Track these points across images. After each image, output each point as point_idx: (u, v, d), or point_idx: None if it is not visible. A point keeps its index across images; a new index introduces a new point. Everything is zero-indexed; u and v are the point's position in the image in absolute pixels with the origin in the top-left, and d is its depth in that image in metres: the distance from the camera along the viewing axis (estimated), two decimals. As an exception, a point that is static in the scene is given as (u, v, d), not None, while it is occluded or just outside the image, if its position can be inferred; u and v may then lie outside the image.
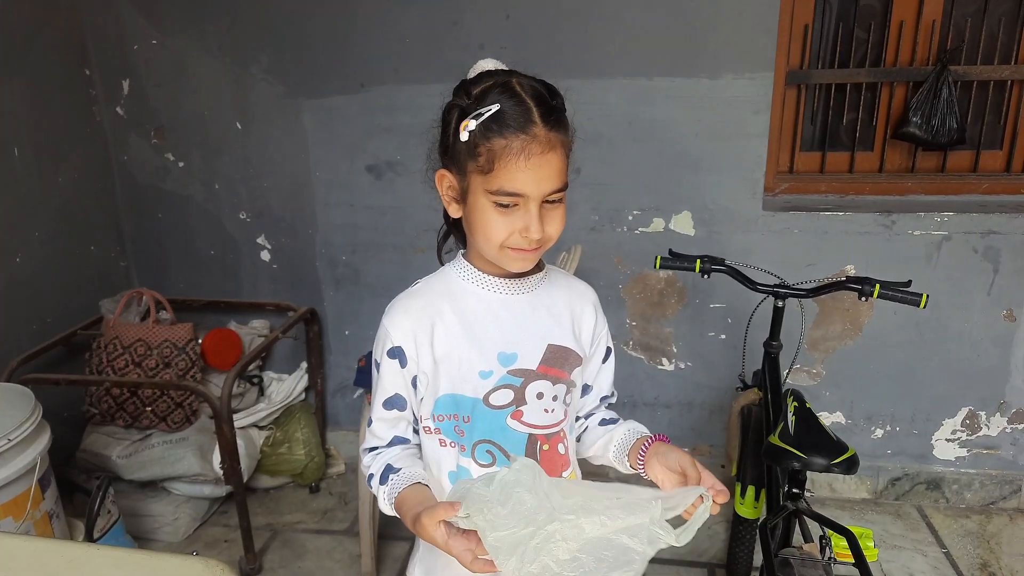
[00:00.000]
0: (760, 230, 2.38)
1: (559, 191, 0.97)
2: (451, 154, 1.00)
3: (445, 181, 1.02)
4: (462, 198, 1.01)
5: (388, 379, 1.07)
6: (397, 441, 1.11)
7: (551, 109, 0.96)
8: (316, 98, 2.49)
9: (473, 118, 0.94)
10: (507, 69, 1.00)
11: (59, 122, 2.49)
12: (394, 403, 1.08)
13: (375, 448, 1.12)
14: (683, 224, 2.42)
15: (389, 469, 1.06)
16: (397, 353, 1.05)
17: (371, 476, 1.09)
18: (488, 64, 1.01)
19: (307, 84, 2.48)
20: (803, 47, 2.33)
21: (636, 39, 2.27)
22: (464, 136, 0.95)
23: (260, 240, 2.70)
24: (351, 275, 2.68)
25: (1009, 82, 2.31)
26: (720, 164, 2.34)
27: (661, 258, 1.89)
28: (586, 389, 1.17)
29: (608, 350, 1.18)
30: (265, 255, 2.72)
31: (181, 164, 2.66)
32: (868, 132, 2.42)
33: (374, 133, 2.48)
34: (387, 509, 1.06)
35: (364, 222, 2.59)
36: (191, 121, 2.60)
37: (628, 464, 1.09)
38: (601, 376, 1.18)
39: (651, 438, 1.06)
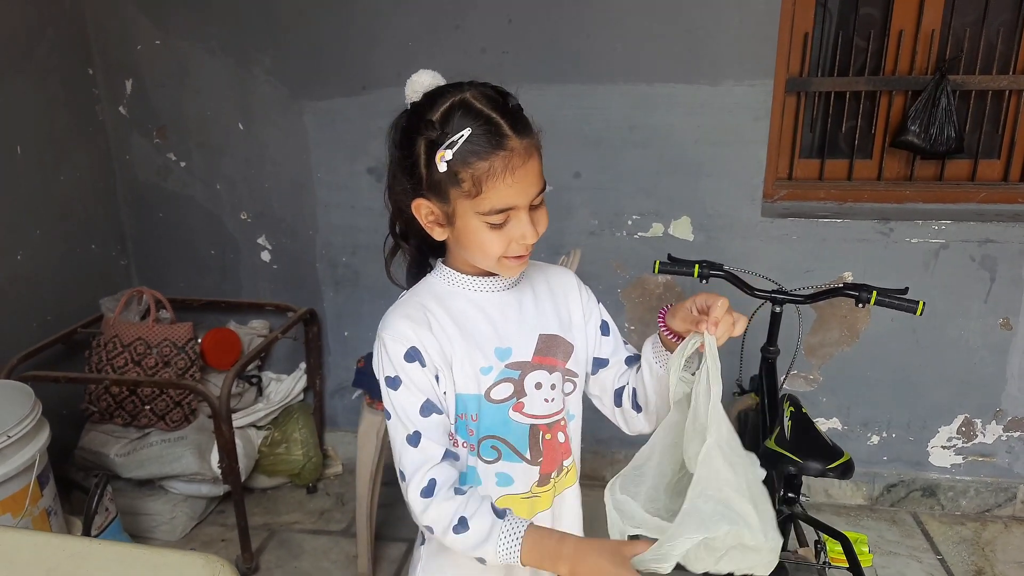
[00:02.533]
0: (759, 236, 2.39)
1: (541, 192, 0.99)
2: (428, 184, 0.97)
3: (423, 209, 1.00)
4: (447, 222, 1.00)
5: (415, 385, 1.02)
6: (448, 455, 1.02)
7: (515, 117, 0.96)
8: (318, 100, 2.50)
9: (447, 148, 0.93)
10: (454, 83, 0.99)
11: (62, 121, 2.50)
12: (430, 408, 1.02)
13: (433, 486, 0.98)
14: (682, 229, 2.43)
15: (497, 511, 0.98)
16: (415, 354, 1.02)
17: (463, 520, 0.96)
18: (426, 78, 0.99)
19: (309, 86, 2.49)
20: (803, 55, 2.34)
21: (637, 45, 2.28)
22: (442, 167, 0.94)
23: (260, 240, 2.71)
24: (351, 276, 2.69)
25: (1007, 92, 2.32)
26: (719, 170, 2.35)
27: (660, 263, 1.90)
28: (600, 363, 1.15)
29: (604, 323, 1.17)
30: (265, 255, 2.73)
31: (183, 164, 2.67)
32: (867, 140, 2.44)
33: (375, 135, 2.47)
34: (503, 550, 0.95)
35: (364, 224, 2.60)
36: (193, 121, 2.61)
37: (668, 355, 1.03)
38: (606, 347, 1.16)
39: (660, 318, 1.02)
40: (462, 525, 0.96)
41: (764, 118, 2.29)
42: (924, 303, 1.67)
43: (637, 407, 1.12)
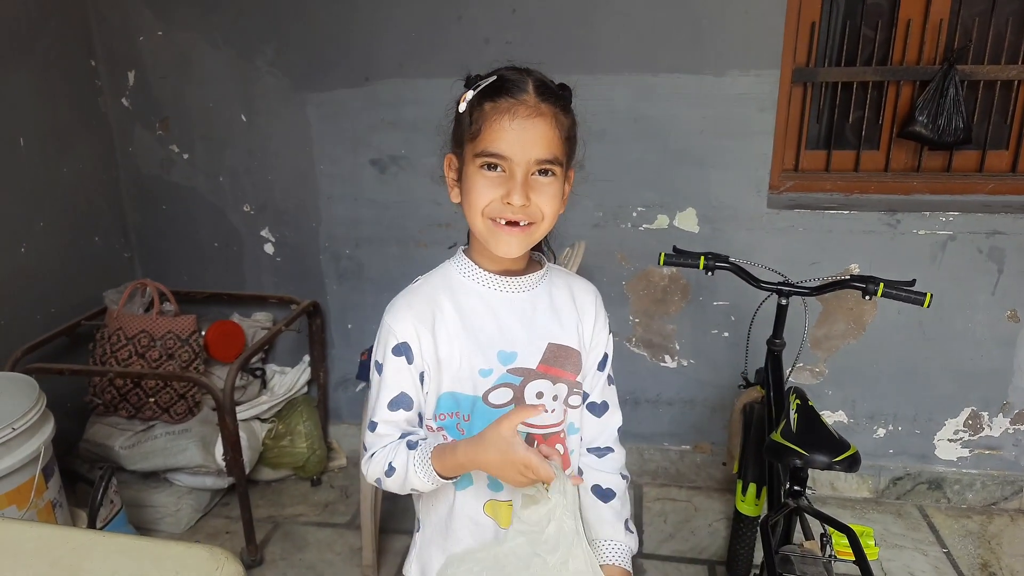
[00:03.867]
0: (765, 228, 2.38)
1: (548, 162, 0.96)
2: (453, 134, 1.02)
3: (451, 164, 1.04)
4: (459, 177, 1.02)
5: (393, 378, 1.03)
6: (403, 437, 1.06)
7: (546, 86, 0.98)
8: (321, 91, 2.49)
9: (471, 89, 0.98)
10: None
11: (64, 113, 2.49)
12: (400, 403, 1.04)
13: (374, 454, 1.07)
14: (687, 221, 2.42)
15: (411, 444, 1.02)
16: (403, 350, 1.02)
17: (390, 464, 1.02)
18: None
19: (312, 77, 2.48)
20: (810, 45, 2.32)
21: (642, 35, 2.26)
22: (462, 108, 0.98)
23: (264, 233, 2.70)
24: (354, 269, 2.68)
25: (1016, 82, 2.30)
26: (725, 161, 2.34)
27: (665, 255, 1.89)
28: (584, 395, 1.14)
29: (605, 357, 1.14)
30: (269, 248, 2.72)
31: (186, 156, 2.66)
32: (874, 131, 2.42)
33: (378, 127, 2.48)
34: (422, 474, 0.99)
35: (368, 216, 2.59)
36: (196, 113, 2.60)
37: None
38: (596, 382, 1.14)
39: None
40: (390, 469, 1.02)
41: (770, 109, 2.27)
42: (931, 295, 1.65)
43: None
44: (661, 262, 1.89)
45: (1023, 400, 2.42)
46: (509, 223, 0.97)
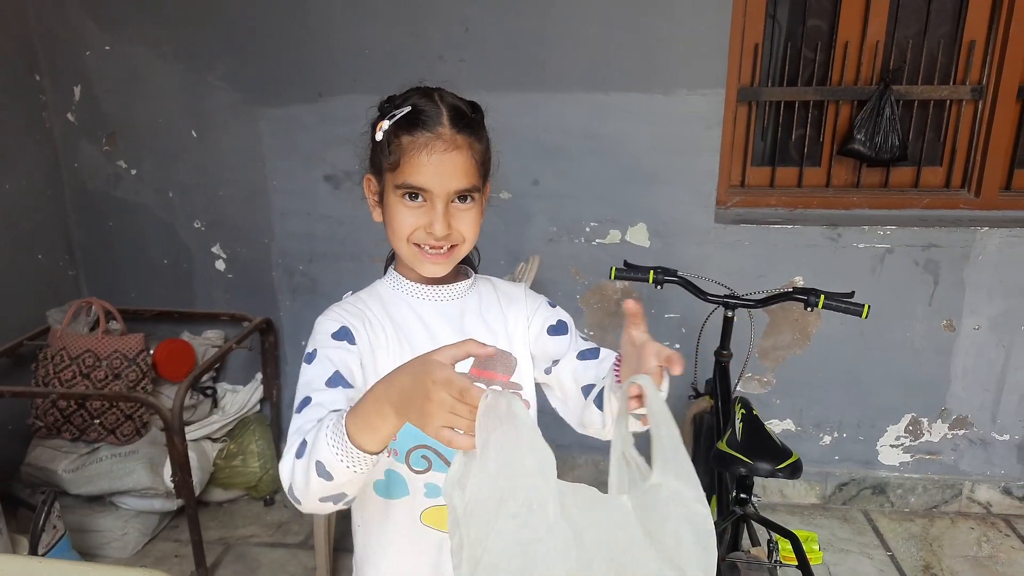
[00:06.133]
0: (713, 242, 2.43)
1: (467, 191, 1.00)
2: (372, 159, 1.04)
3: (371, 186, 1.06)
4: (381, 199, 1.04)
5: (333, 356, 0.95)
6: None
7: (460, 115, 1.00)
8: (273, 107, 2.47)
9: (388, 119, 0.99)
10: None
11: (8, 128, 2.43)
12: (340, 381, 0.93)
13: (304, 447, 0.82)
14: (639, 236, 2.46)
15: (329, 417, 0.82)
16: (344, 334, 1.00)
17: (303, 441, 0.81)
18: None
19: (264, 92, 2.47)
20: (754, 65, 2.40)
21: (594, 55, 2.31)
22: (379, 136, 1.00)
23: (215, 249, 2.66)
24: (308, 285, 2.66)
25: (948, 101, 2.41)
26: (674, 178, 2.39)
27: (616, 269, 1.93)
28: (554, 362, 1.10)
29: (558, 324, 1.11)
30: (220, 264, 2.68)
31: (133, 172, 2.61)
32: (816, 148, 2.51)
33: (332, 143, 2.48)
34: (332, 439, 0.78)
35: (321, 231, 2.58)
36: (144, 128, 2.56)
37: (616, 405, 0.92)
38: (559, 347, 1.11)
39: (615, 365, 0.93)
40: (302, 447, 0.82)
41: (717, 127, 2.34)
42: (869, 306, 1.72)
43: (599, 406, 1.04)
44: (612, 276, 1.92)
45: (960, 406, 2.52)
46: (433, 247, 1.01)
